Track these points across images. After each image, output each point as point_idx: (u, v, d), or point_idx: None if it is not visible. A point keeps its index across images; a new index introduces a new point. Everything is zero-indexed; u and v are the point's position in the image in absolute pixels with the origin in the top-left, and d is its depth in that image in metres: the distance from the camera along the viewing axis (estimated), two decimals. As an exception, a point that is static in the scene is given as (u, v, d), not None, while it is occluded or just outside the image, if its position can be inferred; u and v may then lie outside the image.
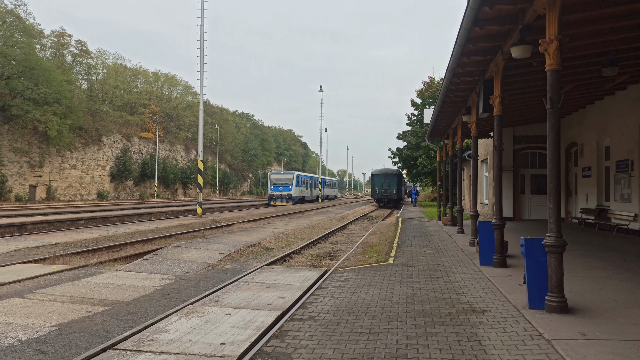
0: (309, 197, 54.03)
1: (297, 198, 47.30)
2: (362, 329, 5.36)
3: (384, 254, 11.21)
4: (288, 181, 47.19)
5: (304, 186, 51.04)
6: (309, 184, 54.33)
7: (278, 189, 46.56)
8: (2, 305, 6.66)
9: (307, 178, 54.15)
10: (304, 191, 50.81)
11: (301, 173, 53.35)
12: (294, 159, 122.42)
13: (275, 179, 47.93)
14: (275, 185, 47.09)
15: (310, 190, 54.99)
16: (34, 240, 13.55)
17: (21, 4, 42.97)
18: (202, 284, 8.82)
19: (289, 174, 48.79)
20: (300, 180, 49.99)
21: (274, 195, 46.18)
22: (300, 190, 48.86)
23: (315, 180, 58.84)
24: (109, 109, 55.09)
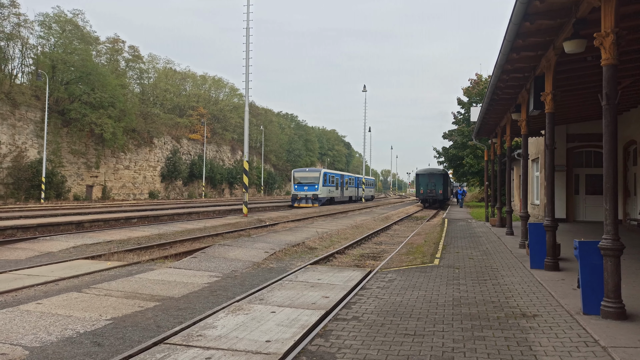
0: (340, 198, 47.95)
1: (324, 199, 42.04)
2: (406, 330, 5.30)
3: (429, 256, 11.04)
4: (314, 180, 41.31)
5: (332, 185, 44.93)
6: (340, 183, 48.05)
7: (302, 188, 41.07)
8: (62, 299, 7.05)
9: (337, 177, 47.63)
10: (332, 191, 44.99)
11: (329, 171, 46.17)
12: (337, 159, 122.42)
13: (299, 177, 42.34)
14: (299, 185, 41.55)
15: (341, 190, 48.76)
16: (91, 238, 14.25)
17: (79, 12, 45.34)
18: (247, 282, 9.00)
19: (314, 172, 42.78)
20: (329, 179, 43.89)
21: (297, 196, 40.84)
22: (328, 190, 43.32)
23: (348, 179, 52.92)
24: (159, 112, 57.15)
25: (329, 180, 43.78)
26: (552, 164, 8.94)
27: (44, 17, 42.66)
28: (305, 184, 41.27)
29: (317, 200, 40.37)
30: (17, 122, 37.66)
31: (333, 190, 45.10)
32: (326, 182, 42.76)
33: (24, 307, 6.50)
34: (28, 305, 6.60)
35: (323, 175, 42.30)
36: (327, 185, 42.87)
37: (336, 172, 48.86)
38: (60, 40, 43.17)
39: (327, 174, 43.46)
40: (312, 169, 45.03)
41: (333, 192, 45.05)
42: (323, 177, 42.16)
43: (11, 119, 37.21)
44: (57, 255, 11.77)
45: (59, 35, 43.35)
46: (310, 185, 40.95)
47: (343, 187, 49.06)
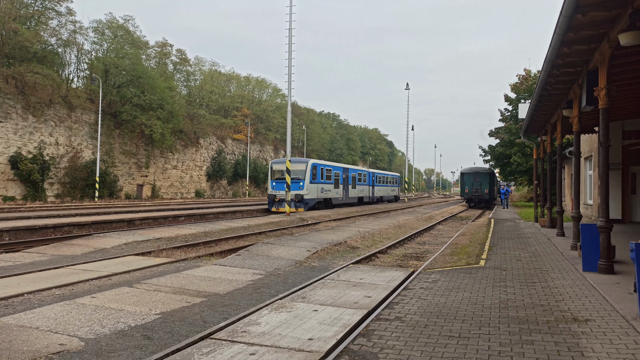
0: (342, 199, 35.88)
1: (313, 201, 30.20)
2: (451, 332, 5.20)
3: (475, 256, 10.78)
4: (298, 174, 29.39)
5: (327, 182, 32.71)
6: (342, 180, 35.71)
7: (282, 187, 28.72)
8: (115, 293, 7.37)
9: (336, 170, 34.94)
10: (328, 190, 32.79)
11: (323, 162, 33.53)
12: (380, 157, 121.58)
13: (278, 170, 30.12)
14: (279, 181, 29.53)
15: (345, 189, 36.44)
16: (141, 235, 14.82)
17: (130, 18, 47.15)
18: (290, 280, 9.10)
19: (299, 163, 30.28)
20: (321, 173, 31.59)
21: (276, 197, 29.20)
22: (319, 188, 31.12)
23: (356, 174, 40.03)
24: (205, 113, 58.67)
25: (321, 174, 31.62)
26: (606, 162, 8.53)
27: (97, 23, 44.80)
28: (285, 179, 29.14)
29: (302, 202, 28.95)
30: (73, 125, 39.68)
31: (329, 188, 33.01)
32: (316, 177, 30.66)
33: (80, 301, 6.84)
34: (83, 299, 6.95)
35: (311, 167, 30.09)
36: (317, 181, 30.78)
37: (336, 165, 35.79)
38: (113, 45, 45.11)
39: (318, 166, 31.34)
40: (296, 159, 31.58)
41: (329, 192, 32.95)
42: (311, 170, 29.95)
43: (68, 122, 39.24)
44: (110, 251, 12.31)
45: (112, 40, 45.32)
46: (293, 181, 28.85)
47: (347, 184, 37.04)
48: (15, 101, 34.57)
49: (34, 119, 35.93)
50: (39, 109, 36.05)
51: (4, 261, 10.45)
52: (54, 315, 6.06)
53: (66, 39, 40.98)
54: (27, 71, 34.65)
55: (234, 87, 73.08)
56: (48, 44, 39.64)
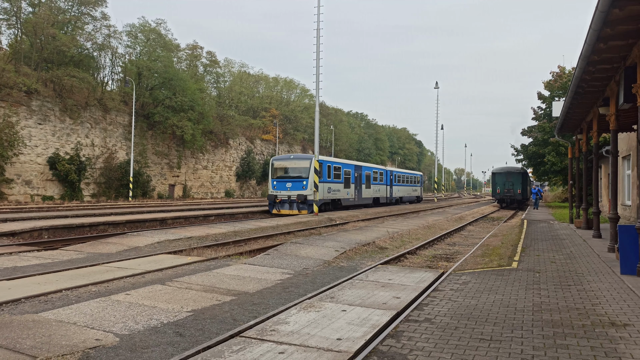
0: (354, 200, 32.31)
1: (318, 202, 26.29)
2: (482, 335, 5.12)
3: (507, 258, 10.56)
4: (301, 172, 26.68)
5: (336, 181, 29.36)
6: (353, 179, 32.29)
7: (284, 186, 26.68)
8: (148, 291, 7.56)
9: (347, 168, 31.44)
10: (336, 190, 29.31)
11: (328, 159, 29.94)
12: (408, 157, 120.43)
13: (280, 167, 27.58)
14: (280, 180, 27.02)
15: (357, 189, 32.96)
16: (173, 234, 15.13)
17: (162, 22, 48.22)
18: (318, 279, 9.12)
19: (302, 160, 27.34)
20: (326, 171, 28.09)
21: (277, 197, 26.60)
22: (324, 188, 27.75)
23: (371, 172, 36.26)
24: (234, 114, 59.44)
25: (328, 172, 28.29)
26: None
27: (130, 27, 45.97)
28: (288, 178, 26.96)
29: (305, 204, 25.98)
30: (108, 126, 40.86)
31: (338, 188, 29.59)
32: (323, 175, 27.52)
33: (115, 297, 7.04)
34: (118, 296, 7.15)
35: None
36: (324, 180, 27.59)
37: (346, 162, 32.35)
38: (145, 48, 46.24)
39: (324, 163, 27.87)
40: (299, 155, 28.73)
41: (337, 192, 29.52)
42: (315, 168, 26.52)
43: (103, 123, 40.43)
44: (143, 249, 12.62)
45: (144, 43, 46.45)
46: (295, 180, 26.49)
47: (360, 183, 33.63)
48: (53, 104, 35.86)
49: (71, 121, 37.18)
50: (75, 111, 37.28)
51: (43, 258, 10.86)
52: (90, 311, 6.26)
53: (101, 43, 42.26)
54: (65, 75, 35.88)
55: (262, 88, 73.77)
56: (84, 48, 40.95)
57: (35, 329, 5.43)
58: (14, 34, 39.29)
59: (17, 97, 32.89)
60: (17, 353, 4.71)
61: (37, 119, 34.62)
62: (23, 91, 33.22)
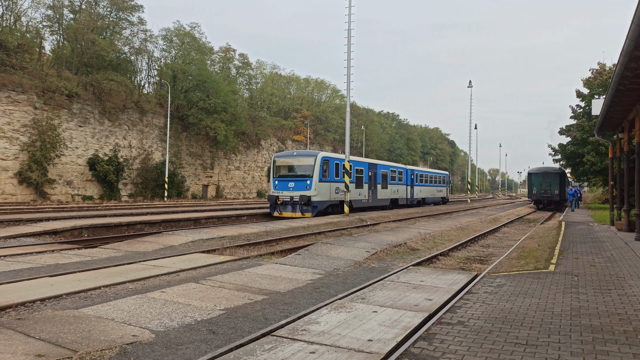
0: (364, 202, 28.54)
1: (322, 204, 24.07)
2: (517, 339, 5.00)
3: (543, 261, 10.27)
4: (305, 171, 24.08)
5: (343, 181, 25.68)
6: (365, 178, 28.73)
7: (286, 186, 24.22)
8: (183, 289, 7.73)
9: (359, 166, 28.13)
10: (342, 191, 25.79)
11: (336, 155, 26.67)
12: (441, 157, 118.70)
13: (282, 165, 25.14)
14: (282, 179, 24.56)
15: (371, 190, 29.59)
16: (206, 233, 15.41)
17: (196, 25, 49.23)
18: (349, 280, 9.11)
19: (307, 157, 24.68)
20: (333, 169, 25.17)
21: (278, 198, 24.15)
22: (331, 188, 24.87)
23: (388, 171, 32.81)
24: (266, 115, 60.06)
25: (335, 171, 25.49)
26: (694, 161, 7.83)
27: (166, 31, 47.16)
28: (291, 177, 24.35)
29: (309, 205, 23.51)
30: (144, 128, 42.01)
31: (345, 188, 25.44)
32: (329, 174, 24.77)
33: (151, 295, 7.24)
34: (154, 293, 7.34)
35: (321, 162, 24.11)
36: (330, 179, 24.85)
37: (358, 159, 28.86)
38: (180, 52, 47.31)
39: (331, 161, 25.15)
40: (303, 152, 25.88)
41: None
42: (321, 165, 24.02)
43: (140, 125, 41.59)
44: (178, 248, 12.91)
45: (179, 47, 47.54)
46: (299, 180, 23.91)
47: (375, 183, 30.36)
48: (93, 107, 37.14)
49: (109, 123, 38.42)
50: (114, 113, 38.52)
51: (83, 256, 11.26)
52: (128, 308, 6.45)
53: (138, 47, 43.52)
54: (104, 78, 37.12)
55: (293, 89, 74.24)
56: (122, 52, 42.25)
57: (75, 324, 5.64)
58: (56, 40, 40.97)
59: (59, 100, 34.25)
60: (59, 347, 4.91)
61: (77, 122, 35.93)
62: (65, 95, 34.56)
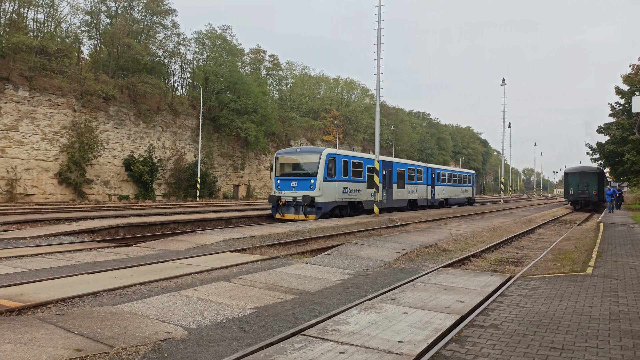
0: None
1: (328, 205, 22.07)
2: (552, 344, 4.86)
3: (580, 263, 9.95)
4: (309, 169, 22.07)
5: (355, 180, 24.13)
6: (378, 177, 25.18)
7: (288, 185, 22.23)
8: (214, 287, 7.86)
9: (371, 164, 25.58)
10: (353, 191, 23.97)
11: (344, 152, 24.44)
12: (473, 157, 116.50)
13: (285, 162, 23.19)
14: (284, 178, 22.61)
15: (385, 189, 27.32)
16: (237, 233, 15.62)
17: (227, 28, 49.96)
18: (379, 281, 9.06)
19: (310, 154, 22.59)
20: (340, 167, 22.91)
21: (281, 199, 22.14)
22: (338, 188, 22.71)
23: (405, 169, 30.25)
24: (296, 116, 60.38)
25: (343, 169, 23.19)
26: None
27: (198, 34, 48.02)
28: (294, 176, 22.37)
29: (313, 207, 21.53)
30: (177, 129, 42.92)
31: (358, 188, 24.36)
32: (335, 172, 22.47)
33: (184, 292, 7.39)
34: (187, 291, 7.49)
35: (326, 159, 21.91)
36: (337, 179, 22.60)
37: (370, 157, 26.09)
38: (212, 54, 48.12)
39: (338, 158, 22.89)
40: (307, 148, 23.68)
41: (357, 193, 24.32)
42: (326, 163, 21.85)
43: (173, 127, 42.52)
44: (210, 247, 13.13)
45: (211, 49, 48.34)
46: (302, 179, 21.94)
47: (390, 183, 28.10)
48: (128, 109, 38.21)
49: (144, 125, 39.44)
50: (148, 115, 39.52)
51: (119, 254, 11.59)
52: (162, 305, 6.61)
53: (171, 50, 44.52)
54: (139, 81, 38.13)
55: (323, 89, 74.34)
56: (156, 55, 43.30)
57: (112, 320, 5.81)
58: (94, 45, 42.34)
59: (97, 103, 35.39)
60: (96, 342, 5.07)
61: (114, 124, 37.03)
62: (102, 98, 35.69)
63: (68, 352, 4.71)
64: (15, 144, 30.44)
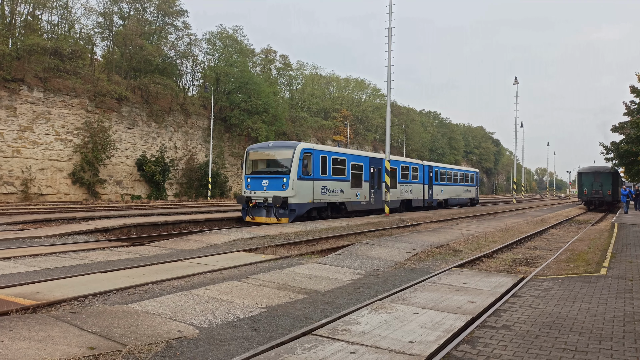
0: (362, 204, 23.79)
1: (303, 207, 19.82)
2: (565, 345, 4.81)
3: (594, 264, 9.83)
4: (280, 165, 19.88)
5: (336, 178, 21.68)
6: (365, 176, 24.11)
7: (259, 184, 19.81)
8: (225, 286, 7.90)
9: (355, 161, 23.51)
10: (334, 190, 21.56)
11: (323, 147, 21.77)
12: (485, 157, 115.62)
13: (256, 159, 20.78)
14: (254, 177, 20.17)
15: (373, 189, 24.86)
16: (248, 232, 15.68)
17: (238, 29, 50.13)
18: (389, 281, 9.04)
19: (284, 149, 20.23)
20: (318, 164, 20.59)
21: (251, 199, 19.80)
22: (315, 187, 20.32)
23: (395, 167, 27.34)
24: (306, 115, 60.40)
25: (322, 166, 20.85)
26: None
27: (209, 35, 48.23)
28: (265, 174, 19.96)
29: (286, 209, 19.30)
30: (189, 130, 43.19)
31: (339, 187, 21.94)
32: (311, 169, 20.15)
33: (195, 292, 7.43)
34: (198, 290, 7.54)
35: (301, 155, 19.55)
36: (314, 177, 20.25)
37: (354, 153, 23.98)
38: (223, 54, 48.32)
39: (315, 154, 20.48)
40: (279, 143, 21.57)
41: (339, 193, 21.94)
42: (301, 159, 19.50)
43: (184, 127, 42.80)
44: (221, 247, 13.20)
45: (222, 50, 48.55)
46: (274, 177, 19.62)
47: (378, 182, 25.55)
48: (140, 109, 38.54)
49: (156, 125, 39.75)
50: (160, 116, 39.83)
51: (132, 253, 11.70)
52: (173, 304, 6.66)
53: (183, 51, 44.77)
54: (151, 82, 38.43)
55: (333, 89, 74.30)
56: (167, 56, 43.59)
57: (124, 319, 5.87)
58: (107, 46, 42.75)
59: (110, 104, 35.75)
60: (109, 340, 5.13)
61: (126, 124, 37.37)
62: (114, 98, 36.04)
63: (82, 350, 4.76)
64: (30, 144, 30.87)
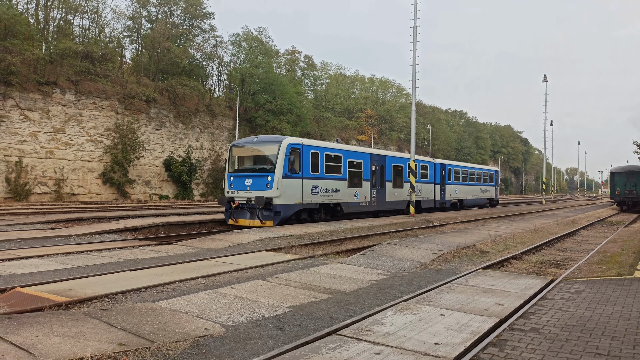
0: (362, 205, 21.90)
1: (289, 209, 17.79)
2: (597, 349, 4.68)
3: (628, 266, 9.52)
4: (264, 162, 18.13)
5: (329, 177, 19.61)
6: (365, 174, 22.06)
7: (242, 183, 17.94)
8: (251, 285, 7.97)
9: (353, 158, 21.34)
10: (327, 190, 19.54)
11: (313, 142, 19.51)
12: (513, 156, 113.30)
13: (240, 155, 19.05)
14: (237, 175, 18.32)
15: (374, 189, 22.75)
16: (273, 232, 15.77)
17: (263, 30, 50.54)
18: (415, 282, 8.96)
19: (269, 144, 18.09)
20: (307, 161, 18.54)
21: (234, 201, 17.89)
22: (303, 187, 18.28)
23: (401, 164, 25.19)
24: (330, 115, 60.42)
25: (312, 163, 18.87)
26: None
27: (235, 37, 48.80)
28: (248, 172, 18.20)
29: (270, 210, 17.34)
30: (215, 130, 43.76)
31: (333, 187, 19.95)
32: (299, 167, 18.22)
33: (221, 290, 7.53)
34: (224, 289, 7.63)
35: (287, 151, 17.60)
36: (303, 175, 18.30)
37: (352, 149, 21.80)
38: (248, 56, 48.79)
39: (304, 149, 18.45)
40: (265, 137, 19.00)
41: (333, 193, 19.97)
42: (287, 155, 17.56)
43: (210, 128, 43.37)
44: (246, 246, 13.33)
45: (247, 51, 49.03)
46: (257, 175, 17.79)
47: (381, 181, 23.49)
48: (168, 111, 39.25)
49: (183, 126, 40.41)
50: (187, 117, 40.47)
51: (160, 252, 11.93)
52: (200, 302, 6.76)
53: (209, 52, 45.39)
54: (178, 84, 39.10)
55: (358, 89, 74.11)
56: (194, 58, 44.28)
57: (153, 316, 5.99)
58: (135, 49, 43.72)
59: (138, 105, 36.53)
60: (138, 337, 5.25)
61: (154, 125, 38.12)
62: (143, 100, 36.80)
63: (112, 346, 4.89)
64: (62, 145, 31.80)
